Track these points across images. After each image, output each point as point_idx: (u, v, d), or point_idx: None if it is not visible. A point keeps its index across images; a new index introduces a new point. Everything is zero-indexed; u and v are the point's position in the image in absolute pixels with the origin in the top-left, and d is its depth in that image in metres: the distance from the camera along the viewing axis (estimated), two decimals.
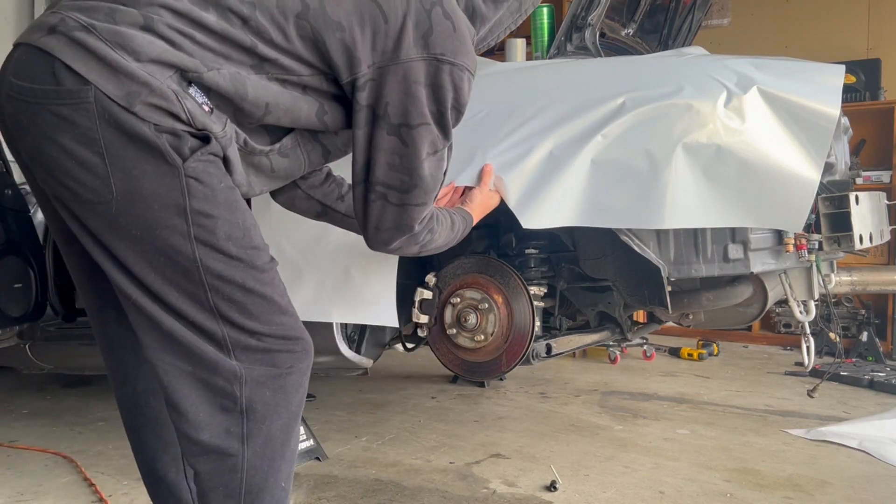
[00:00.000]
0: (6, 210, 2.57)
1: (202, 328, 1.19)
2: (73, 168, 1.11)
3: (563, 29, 2.26)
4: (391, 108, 1.25)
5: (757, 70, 1.74)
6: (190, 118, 1.13)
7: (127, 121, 1.09)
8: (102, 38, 1.09)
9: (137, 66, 1.09)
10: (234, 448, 1.22)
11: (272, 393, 1.23)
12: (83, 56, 1.08)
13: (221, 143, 1.19)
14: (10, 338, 2.74)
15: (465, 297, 2.06)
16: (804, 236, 1.86)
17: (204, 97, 1.16)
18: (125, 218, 1.14)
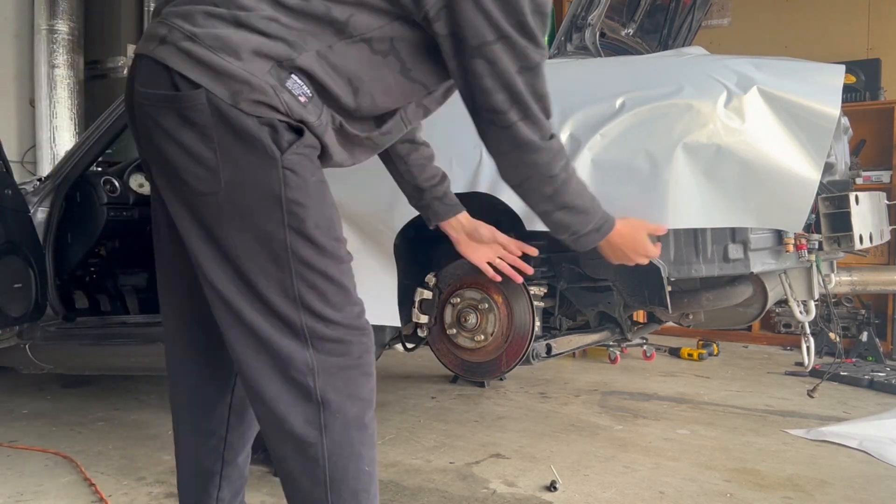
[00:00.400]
0: (6, 210, 2.57)
1: (283, 317, 1.29)
2: (190, 163, 1.25)
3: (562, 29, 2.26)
4: (468, 31, 1.24)
5: (757, 70, 1.74)
6: (287, 110, 1.23)
7: (235, 116, 1.22)
8: (206, 45, 1.22)
9: (238, 66, 1.21)
10: (312, 437, 1.30)
11: (344, 383, 1.31)
12: (192, 64, 1.22)
13: (317, 132, 1.27)
14: (10, 338, 2.74)
15: (465, 297, 2.06)
16: (804, 236, 1.86)
17: (301, 87, 1.25)
18: (229, 206, 1.26)
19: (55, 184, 2.82)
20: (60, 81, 5.02)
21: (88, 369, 3.12)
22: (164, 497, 2.18)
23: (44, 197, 2.81)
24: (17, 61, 5.18)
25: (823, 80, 1.72)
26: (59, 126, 5.06)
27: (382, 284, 1.98)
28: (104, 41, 5.39)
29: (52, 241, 2.81)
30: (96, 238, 2.97)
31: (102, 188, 2.95)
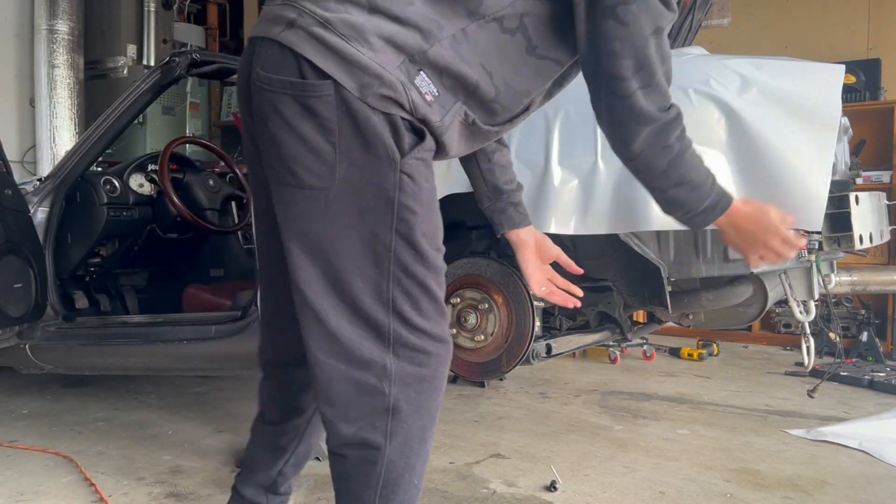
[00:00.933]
0: (6, 210, 2.57)
1: (371, 320, 1.27)
2: (305, 154, 1.21)
3: None
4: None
5: (757, 70, 1.74)
6: (412, 108, 1.20)
7: (360, 110, 1.18)
8: (338, 32, 1.17)
9: (371, 57, 1.17)
10: (378, 442, 1.29)
11: (416, 394, 1.30)
12: (323, 51, 1.17)
13: (437, 132, 1.25)
14: (10, 338, 2.74)
15: (465, 297, 2.06)
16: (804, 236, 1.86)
17: (429, 86, 1.22)
18: (339, 204, 1.23)
19: (55, 184, 2.82)
20: (60, 81, 5.02)
21: (88, 369, 3.12)
22: (165, 497, 2.18)
23: (44, 197, 2.81)
24: (17, 61, 5.18)
25: (823, 80, 1.72)
26: (59, 126, 5.06)
27: None
28: (104, 41, 5.39)
29: (52, 241, 2.81)
30: (96, 238, 2.97)
31: (102, 188, 2.96)
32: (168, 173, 3.05)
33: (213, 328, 2.41)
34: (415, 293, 1.29)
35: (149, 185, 3.21)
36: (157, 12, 5.54)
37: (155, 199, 3.19)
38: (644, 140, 1.29)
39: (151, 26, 5.50)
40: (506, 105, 1.32)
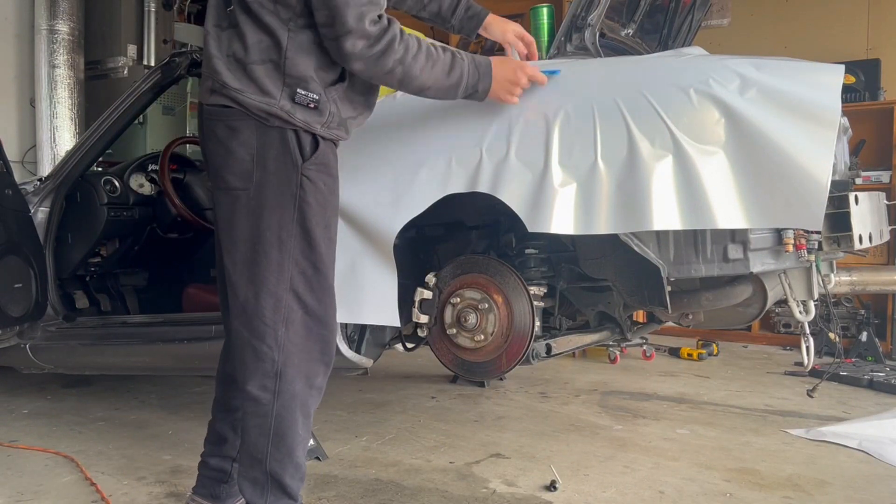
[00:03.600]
0: (6, 210, 2.57)
1: (272, 295, 1.61)
2: (231, 164, 1.61)
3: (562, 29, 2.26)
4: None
5: (757, 70, 1.74)
6: (304, 123, 1.59)
7: (269, 129, 1.58)
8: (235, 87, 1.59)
9: (271, 87, 1.57)
10: (267, 399, 1.64)
11: (300, 361, 1.64)
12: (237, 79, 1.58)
13: (328, 132, 1.62)
14: (11, 338, 2.75)
15: (465, 297, 2.06)
16: (804, 236, 1.86)
17: (306, 94, 1.58)
18: (255, 201, 1.60)
19: (55, 184, 2.82)
20: (61, 81, 5.02)
21: (88, 369, 3.12)
22: (165, 497, 2.19)
23: (44, 197, 2.81)
24: (17, 61, 5.18)
25: (823, 80, 1.71)
26: (59, 126, 5.06)
27: (382, 284, 1.98)
28: (104, 41, 5.39)
29: (52, 241, 2.81)
30: (96, 238, 2.97)
31: (102, 188, 2.96)
32: (168, 173, 3.05)
33: (213, 328, 2.41)
34: (309, 274, 1.63)
35: (149, 185, 3.21)
36: (157, 12, 5.53)
37: (155, 199, 3.19)
38: (368, 70, 1.58)
39: (151, 26, 5.50)
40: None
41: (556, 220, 1.75)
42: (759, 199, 1.67)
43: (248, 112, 1.58)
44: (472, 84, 1.70)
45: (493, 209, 2.00)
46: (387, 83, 1.63)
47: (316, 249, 1.62)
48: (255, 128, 1.58)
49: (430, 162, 1.92)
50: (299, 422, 1.67)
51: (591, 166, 1.76)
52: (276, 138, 1.58)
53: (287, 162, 1.58)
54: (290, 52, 1.57)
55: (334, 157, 1.68)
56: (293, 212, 1.58)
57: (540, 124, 1.83)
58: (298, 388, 1.65)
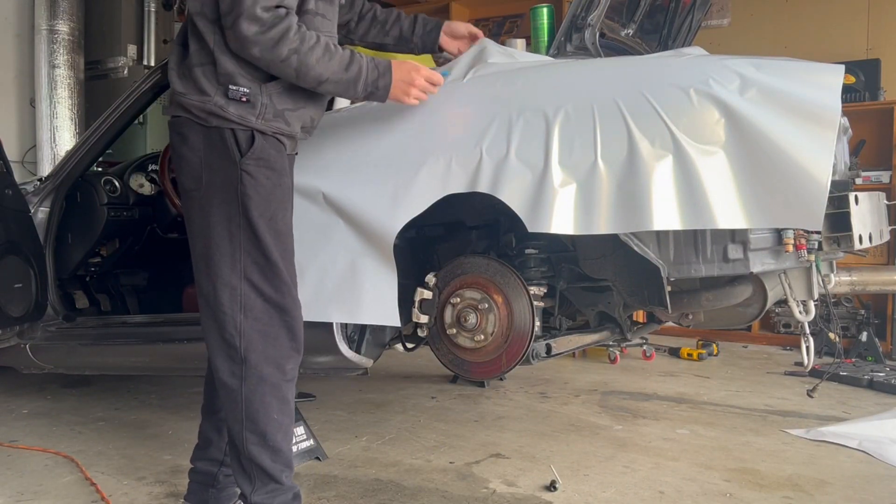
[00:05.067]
0: (6, 210, 2.57)
1: (228, 285, 1.70)
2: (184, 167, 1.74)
3: (562, 29, 2.25)
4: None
5: (757, 70, 1.74)
6: (238, 117, 1.67)
7: (209, 131, 1.69)
8: (181, 91, 1.72)
9: (207, 86, 1.68)
10: (236, 385, 1.73)
11: (263, 347, 1.72)
12: (183, 84, 1.72)
13: (265, 125, 1.70)
14: (11, 337, 2.74)
15: (465, 297, 2.06)
16: (804, 236, 1.86)
17: (237, 89, 1.67)
18: (206, 199, 1.71)
19: (55, 184, 2.82)
20: (61, 81, 5.02)
21: (88, 369, 3.12)
22: (165, 497, 2.19)
23: (44, 197, 2.81)
24: (17, 61, 5.18)
25: (823, 80, 1.71)
26: (59, 126, 5.06)
27: (382, 284, 1.98)
28: (104, 41, 5.39)
29: (52, 241, 2.81)
30: (96, 238, 2.97)
31: (102, 188, 2.96)
32: (168, 173, 3.05)
33: None
34: (261, 263, 1.71)
35: (149, 185, 3.21)
36: (157, 12, 5.53)
37: (155, 199, 3.19)
38: (263, 57, 1.63)
39: (151, 26, 5.50)
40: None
41: (556, 220, 1.75)
42: (759, 199, 1.67)
43: (193, 116, 1.70)
44: (372, 81, 1.75)
45: (493, 209, 2.00)
46: (284, 73, 1.67)
47: (262, 240, 1.69)
48: (200, 132, 1.70)
49: (430, 162, 1.91)
50: (272, 406, 1.73)
51: (591, 166, 1.76)
52: (217, 139, 1.69)
53: (227, 159, 1.68)
54: (217, 51, 1.67)
55: (277, 152, 1.73)
56: (237, 205, 1.68)
57: (540, 124, 1.83)
58: (267, 373, 1.72)
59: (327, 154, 2.07)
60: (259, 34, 1.60)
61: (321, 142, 2.06)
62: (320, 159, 2.06)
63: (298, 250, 2.04)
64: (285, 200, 1.76)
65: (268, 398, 1.72)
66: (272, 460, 1.74)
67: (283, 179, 1.75)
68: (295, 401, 2.44)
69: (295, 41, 1.64)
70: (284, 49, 1.63)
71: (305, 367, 2.33)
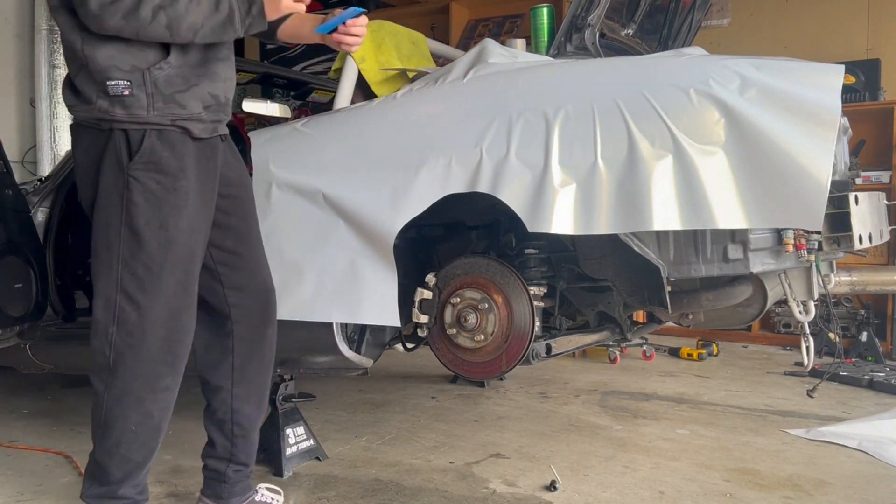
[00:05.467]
0: (6, 210, 2.57)
1: (104, 295, 1.65)
2: (80, 173, 1.71)
3: (562, 29, 2.26)
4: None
5: (757, 70, 1.74)
6: (127, 116, 1.60)
7: (99, 135, 1.64)
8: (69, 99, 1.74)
9: (77, 104, 1.67)
10: (99, 389, 1.70)
11: (133, 361, 1.66)
12: (69, 96, 1.74)
13: (160, 116, 1.61)
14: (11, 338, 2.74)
15: (465, 297, 2.07)
16: (804, 236, 1.86)
17: (116, 84, 1.59)
18: (97, 205, 1.65)
19: (55, 184, 2.82)
20: (60, 81, 4.97)
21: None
22: (165, 497, 2.19)
23: (44, 197, 2.81)
24: (17, 61, 5.18)
25: (823, 81, 1.72)
26: (60, 126, 5.05)
27: (382, 284, 1.98)
28: None
29: (52, 241, 2.81)
30: None
31: None
32: None
33: None
34: (140, 274, 1.63)
35: None
36: None
37: None
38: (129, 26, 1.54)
39: None
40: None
41: (556, 220, 1.75)
42: (759, 199, 1.67)
43: (86, 123, 1.67)
44: (245, 11, 1.62)
45: (493, 209, 2.00)
46: (156, 34, 1.56)
47: (145, 249, 1.61)
48: (90, 137, 1.66)
49: (430, 162, 1.92)
50: (131, 419, 1.69)
51: (591, 166, 1.76)
52: (107, 143, 1.62)
53: (114, 164, 1.61)
54: (85, 48, 1.59)
55: (171, 150, 1.63)
56: (120, 213, 1.61)
57: (540, 124, 1.83)
58: (134, 387, 1.67)
59: (327, 154, 2.07)
60: (109, 3, 1.51)
61: (321, 142, 2.07)
62: (320, 159, 2.06)
63: (298, 250, 2.05)
64: (182, 203, 1.64)
65: (128, 411, 1.68)
66: (118, 467, 1.73)
67: (179, 183, 1.64)
68: (295, 401, 2.46)
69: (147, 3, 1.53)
70: (147, 8, 1.52)
71: (305, 368, 2.33)
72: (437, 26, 5.72)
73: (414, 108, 2.04)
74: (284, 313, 2.05)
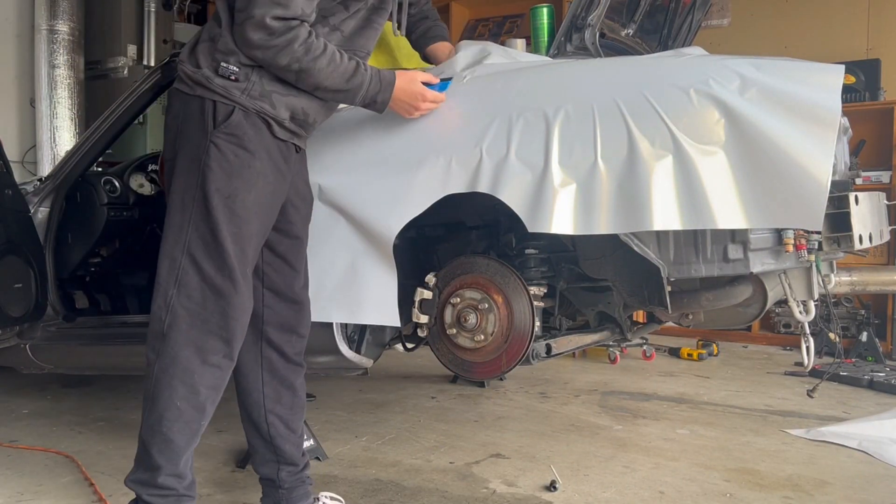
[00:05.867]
0: (7, 210, 2.57)
1: (169, 256, 1.67)
2: (168, 133, 1.76)
3: (562, 29, 2.26)
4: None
5: (757, 70, 1.74)
6: (222, 89, 1.67)
7: (187, 99, 1.70)
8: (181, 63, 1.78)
9: (189, 67, 1.71)
10: (151, 358, 1.68)
11: (187, 327, 1.66)
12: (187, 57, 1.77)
13: (249, 102, 1.68)
14: (11, 338, 2.74)
15: (465, 297, 2.06)
16: (804, 236, 1.86)
17: (228, 67, 1.66)
18: (178, 167, 1.70)
19: (55, 184, 2.82)
20: (61, 81, 5.02)
21: (88, 369, 3.12)
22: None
23: (44, 197, 2.81)
24: (17, 61, 5.18)
25: (823, 81, 1.71)
26: (59, 126, 5.06)
27: (382, 284, 1.98)
28: (104, 41, 5.39)
29: (52, 241, 2.81)
30: (96, 238, 2.97)
31: (102, 188, 2.96)
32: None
33: None
34: (208, 240, 1.65)
35: (149, 185, 3.21)
36: (157, 12, 5.54)
37: (155, 199, 3.19)
38: (265, 60, 1.65)
39: (151, 26, 5.50)
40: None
41: (556, 221, 1.75)
42: (759, 199, 1.67)
43: (182, 86, 1.71)
44: (372, 95, 1.77)
45: (493, 209, 2.00)
46: (284, 76, 1.69)
47: (212, 215, 1.64)
48: (182, 100, 1.71)
49: (430, 162, 1.91)
50: (178, 391, 1.65)
51: (591, 166, 1.76)
52: (196, 108, 1.68)
53: (200, 129, 1.67)
54: (225, 31, 1.68)
55: (254, 131, 1.69)
56: (197, 176, 1.65)
57: (540, 124, 1.83)
58: (183, 356, 1.65)
59: (327, 154, 2.07)
60: (263, 41, 1.62)
61: (321, 142, 2.07)
62: (321, 159, 2.06)
63: None
64: (253, 182, 1.68)
65: (175, 381, 1.65)
66: (159, 451, 1.68)
67: (255, 162, 1.68)
68: None
69: (299, 52, 1.64)
70: (285, 59, 1.64)
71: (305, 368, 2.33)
72: None
73: None
74: None
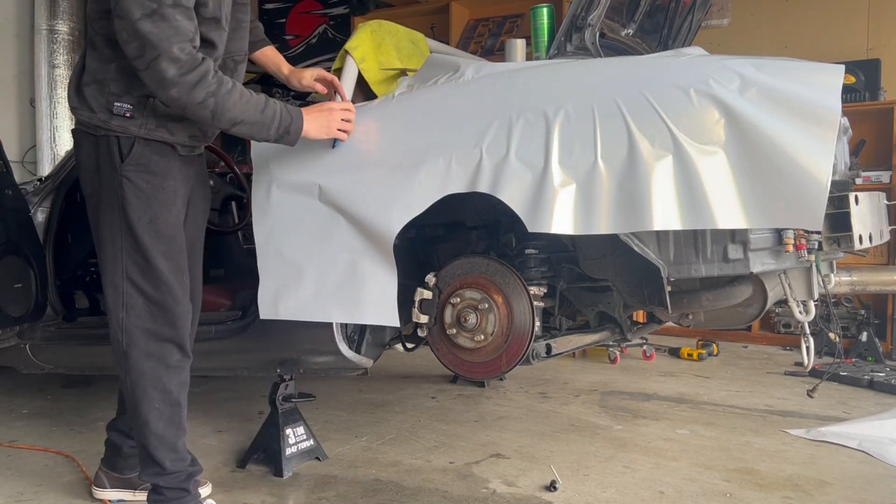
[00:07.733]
0: (6, 210, 2.57)
1: (112, 284, 1.85)
2: (83, 174, 1.88)
3: (562, 29, 2.26)
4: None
5: (757, 70, 1.74)
6: (120, 128, 1.78)
7: (97, 140, 1.81)
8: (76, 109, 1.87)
9: (86, 113, 1.81)
10: (122, 376, 1.90)
11: (144, 343, 1.85)
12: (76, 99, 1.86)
13: (148, 133, 1.79)
14: (11, 338, 2.74)
15: (465, 297, 2.06)
16: (804, 236, 1.86)
17: (122, 106, 1.76)
18: (99, 204, 1.84)
19: (55, 184, 2.82)
20: (60, 81, 5.02)
21: (88, 369, 3.12)
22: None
23: (44, 197, 2.81)
24: (17, 61, 5.19)
25: (823, 81, 1.71)
26: (59, 126, 5.06)
27: (382, 284, 1.98)
28: None
29: (52, 241, 2.81)
30: None
31: None
32: None
33: (213, 328, 2.41)
34: (140, 262, 1.82)
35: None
36: None
37: None
38: (181, 98, 1.67)
39: None
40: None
41: (556, 221, 1.75)
42: (759, 199, 1.67)
43: (85, 128, 1.82)
44: (286, 125, 1.83)
45: (493, 209, 2.00)
46: (199, 116, 1.72)
47: (140, 242, 1.81)
48: (91, 141, 1.82)
49: (430, 162, 1.91)
50: (154, 397, 1.87)
51: (591, 166, 1.76)
52: (103, 146, 1.80)
53: (109, 165, 1.79)
54: (114, 72, 1.76)
55: (159, 156, 1.82)
56: (118, 209, 1.80)
57: (540, 124, 1.83)
58: (148, 367, 1.86)
59: (327, 154, 2.07)
60: (178, 76, 1.64)
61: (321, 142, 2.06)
62: (321, 159, 2.06)
63: (298, 250, 2.05)
64: (170, 201, 1.84)
65: (149, 389, 1.87)
66: (155, 448, 1.89)
67: (167, 182, 1.83)
68: (295, 401, 2.46)
69: (213, 84, 1.68)
70: (202, 92, 1.67)
71: (305, 368, 2.33)
72: (437, 26, 5.72)
73: (413, 108, 2.04)
74: (285, 313, 2.05)
